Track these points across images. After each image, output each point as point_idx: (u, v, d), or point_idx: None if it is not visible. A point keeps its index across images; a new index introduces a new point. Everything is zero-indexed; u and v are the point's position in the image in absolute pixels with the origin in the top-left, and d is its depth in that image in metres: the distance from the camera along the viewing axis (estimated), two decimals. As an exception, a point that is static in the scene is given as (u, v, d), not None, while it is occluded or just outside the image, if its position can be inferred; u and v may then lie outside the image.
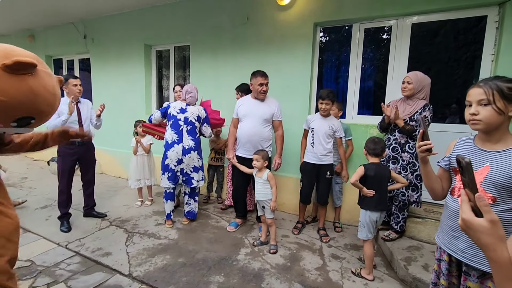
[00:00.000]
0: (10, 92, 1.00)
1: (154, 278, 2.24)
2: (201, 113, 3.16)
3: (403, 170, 2.63)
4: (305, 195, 3.09)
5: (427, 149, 1.21)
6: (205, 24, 4.11)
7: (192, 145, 3.07)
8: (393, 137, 2.67)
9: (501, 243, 0.63)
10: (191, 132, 3.09)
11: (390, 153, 2.67)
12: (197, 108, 3.17)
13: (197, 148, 3.13)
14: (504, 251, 0.62)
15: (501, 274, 0.63)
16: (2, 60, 0.98)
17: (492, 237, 0.63)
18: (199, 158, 3.17)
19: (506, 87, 1.06)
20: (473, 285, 1.17)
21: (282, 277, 2.32)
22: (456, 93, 3.19)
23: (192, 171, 3.12)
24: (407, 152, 2.61)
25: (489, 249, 0.64)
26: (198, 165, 3.16)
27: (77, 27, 5.34)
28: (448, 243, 1.25)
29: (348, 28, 3.43)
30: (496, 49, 2.71)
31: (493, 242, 0.63)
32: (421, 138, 1.22)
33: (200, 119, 3.15)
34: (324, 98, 2.82)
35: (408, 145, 2.62)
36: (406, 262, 2.38)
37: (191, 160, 3.08)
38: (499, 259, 0.62)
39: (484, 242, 0.64)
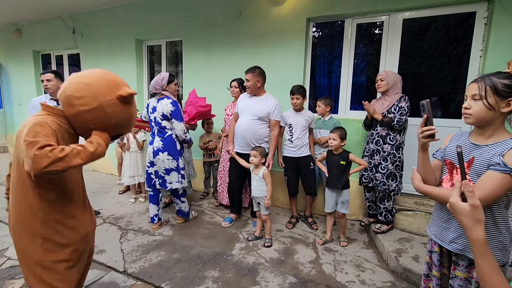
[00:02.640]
0: (120, 118, 1.27)
1: (149, 274, 2.25)
2: (165, 109, 2.81)
3: (383, 160, 2.71)
4: (292, 188, 3.19)
5: (430, 135, 1.17)
6: (198, 19, 4.07)
7: (161, 146, 2.86)
8: (376, 131, 2.76)
9: (478, 224, 0.72)
10: (159, 133, 2.89)
11: (374, 147, 2.75)
12: (162, 104, 2.83)
13: (167, 149, 2.86)
14: (479, 232, 0.72)
15: (476, 250, 0.73)
16: (116, 91, 1.23)
17: (470, 219, 0.73)
18: (173, 159, 2.88)
19: (500, 83, 1.07)
20: (461, 275, 1.21)
21: (276, 270, 2.36)
22: (446, 87, 3.25)
23: (164, 173, 2.91)
24: (388, 144, 2.69)
25: (468, 228, 0.74)
26: (171, 167, 2.89)
27: (65, 21, 5.22)
28: (439, 234, 1.29)
29: (340, 23, 3.44)
30: (485, 45, 2.76)
31: (471, 223, 0.73)
32: (424, 124, 1.16)
33: (166, 117, 2.83)
34: (294, 93, 2.98)
35: (389, 136, 2.70)
36: (397, 254, 2.44)
37: (161, 162, 2.87)
38: (474, 238, 0.73)
39: (464, 222, 0.75)
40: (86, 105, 1.19)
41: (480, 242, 0.72)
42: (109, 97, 1.21)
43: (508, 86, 1.06)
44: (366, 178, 2.84)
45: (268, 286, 2.16)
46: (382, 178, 2.70)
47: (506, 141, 1.10)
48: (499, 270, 0.72)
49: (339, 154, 2.68)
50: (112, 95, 1.22)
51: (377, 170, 2.73)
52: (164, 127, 2.87)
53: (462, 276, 1.21)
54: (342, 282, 2.22)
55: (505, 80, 1.07)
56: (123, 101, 1.24)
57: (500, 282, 0.71)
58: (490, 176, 1.06)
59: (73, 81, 1.21)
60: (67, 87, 1.20)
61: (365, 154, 2.87)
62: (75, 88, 1.20)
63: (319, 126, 3.18)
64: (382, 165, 2.70)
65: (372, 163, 2.76)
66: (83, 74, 1.25)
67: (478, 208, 0.73)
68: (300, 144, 3.03)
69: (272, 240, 2.82)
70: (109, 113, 1.22)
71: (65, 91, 1.20)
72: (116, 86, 1.23)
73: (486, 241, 0.72)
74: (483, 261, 0.72)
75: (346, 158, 2.65)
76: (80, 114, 1.20)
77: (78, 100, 1.19)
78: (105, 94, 1.21)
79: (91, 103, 1.19)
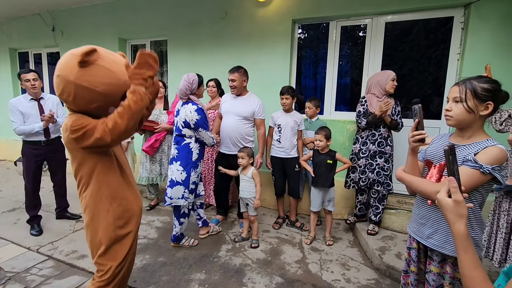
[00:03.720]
0: (101, 81, 1.20)
1: (133, 279, 2.19)
2: (188, 116, 2.45)
3: (386, 162, 2.73)
4: (278, 188, 3.20)
5: (420, 139, 1.20)
6: (183, 19, 4.02)
7: (175, 154, 2.55)
8: (378, 132, 2.74)
9: (460, 219, 0.75)
10: (176, 139, 2.58)
11: (376, 148, 2.73)
12: (186, 110, 2.48)
13: (180, 158, 2.52)
14: (461, 226, 0.75)
15: (458, 244, 0.76)
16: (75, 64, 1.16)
17: (453, 214, 0.76)
18: (183, 170, 2.51)
19: (480, 87, 1.11)
20: (435, 269, 1.26)
21: (263, 271, 2.36)
22: (426, 89, 3.36)
23: (168, 185, 2.57)
24: (389, 146, 2.74)
25: (451, 223, 0.77)
26: (179, 179, 2.50)
27: (44, 18, 5.03)
28: (416, 231, 1.34)
29: (325, 25, 3.49)
30: (462, 49, 2.87)
31: (453, 217, 0.76)
32: (415, 128, 1.21)
33: (188, 125, 2.48)
34: (284, 93, 2.99)
35: (389, 138, 2.75)
36: (381, 252, 2.50)
37: (171, 172, 2.55)
38: (456, 232, 0.76)
39: (448, 217, 0.78)
40: (69, 93, 1.20)
41: (462, 236, 0.75)
42: (74, 72, 1.17)
43: (486, 90, 1.11)
44: (364, 180, 2.79)
45: (255, 287, 2.16)
46: (386, 179, 2.73)
47: (483, 142, 1.15)
48: (480, 264, 0.75)
49: (326, 153, 2.72)
50: (75, 68, 1.17)
51: (381, 172, 2.72)
52: (184, 135, 2.53)
53: (435, 271, 1.26)
54: (328, 281, 2.25)
55: (485, 84, 1.12)
56: (84, 64, 1.17)
57: (479, 276, 0.73)
58: (461, 170, 1.11)
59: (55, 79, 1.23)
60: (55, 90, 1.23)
61: (362, 155, 2.79)
62: (56, 87, 1.22)
63: (306, 127, 3.21)
64: (385, 166, 2.72)
65: (375, 165, 2.74)
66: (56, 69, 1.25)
67: (460, 203, 0.75)
68: (288, 145, 3.04)
69: (259, 241, 2.82)
70: (88, 85, 1.18)
71: (57, 94, 1.24)
72: (74, 58, 1.16)
73: (467, 236, 0.75)
74: (464, 255, 0.75)
75: (333, 157, 2.70)
76: (74, 104, 1.23)
77: (63, 95, 1.21)
78: (71, 71, 1.17)
79: (69, 89, 1.18)
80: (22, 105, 2.78)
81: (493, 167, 1.07)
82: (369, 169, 2.77)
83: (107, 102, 1.27)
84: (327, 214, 2.86)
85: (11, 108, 2.75)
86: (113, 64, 1.24)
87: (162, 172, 3.50)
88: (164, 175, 3.50)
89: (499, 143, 1.14)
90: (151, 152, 3.38)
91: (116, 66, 1.25)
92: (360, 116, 2.75)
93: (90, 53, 1.17)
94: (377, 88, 2.72)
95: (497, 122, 1.98)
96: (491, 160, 1.08)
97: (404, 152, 1.48)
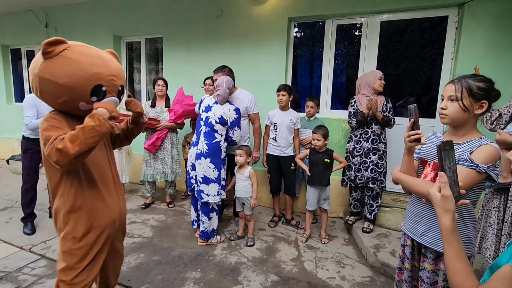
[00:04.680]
0: (64, 71, 1.14)
1: (128, 278, 2.18)
2: (227, 114, 2.55)
3: (379, 159, 2.75)
4: (274, 186, 3.21)
5: (416, 139, 1.20)
6: (178, 16, 3.99)
7: (205, 150, 2.56)
8: (371, 129, 2.77)
9: (446, 213, 0.78)
10: (207, 135, 2.59)
11: (370, 145, 2.76)
12: (223, 107, 2.58)
13: (211, 155, 2.56)
14: (447, 221, 0.77)
15: (444, 238, 0.79)
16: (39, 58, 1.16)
17: (440, 208, 0.79)
18: (215, 168, 2.57)
19: (475, 86, 1.11)
20: (429, 267, 1.27)
21: (258, 269, 2.36)
22: (420, 88, 3.38)
23: (201, 181, 2.59)
24: (382, 142, 2.77)
25: (438, 217, 0.80)
26: (212, 177, 2.57)
27: (37, 14, 4.96)
28: (411, 228, 1.35)
29: (321, 24, 3.49)
30: (456, 48, 2.90)
31: (440, 211, 0.79)
32: (411, 128, 1.20)
33: (224, 122, 2.56)
34: (280, 90, 3.00)
35: (382, 135, 2.77)
36: (375, 249, 2.51)
37: (201, 168, 2.58)
38: (442, 225, 0.78)
39: (436, 211, 0.80)
40: (36, 87, 1.21)
41: (447, 230, 0.77)
42: (39, 64, 1.16)
43: (482, 89, 1.11)
44: (361, 178, 2.80)
45: (250, 285, 2.16)
46: (380, 176, 2.75)
47: (476, 140, 1.16)
48: (464, 258, 0.76)
49: (324, 152, 2.73)
50: (40, 60, 1.15)
51: (375, 169, 2.74)
52: (216, 130, 2.57)
53: (429, 268, 1.27)
54: (323, 279, 2.26)
55: (480, 83, 1.12)
56: (48, 55, 1.13)
57: (462, 269, 0.74)
58: (457, 170, 1.12)
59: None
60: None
61: (356, 153, 2.82)
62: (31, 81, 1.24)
63: (304, 126, 3.20)
64: (379, 163, 2.75)
65: (368, 162, 2.76)
66: None
67: (448, 198, 0.78)
68: (284, 144, 3.04)
69: (255, 239, 2.82)
70: (50, 77, 1.14)
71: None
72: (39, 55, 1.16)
73: (453, 230, 0.77)
74: (449, 248, 0.77)
75: (330, 156, 2.71)
76: (43, 99, 1.23)
77: (33, 90, 1.24)
78: (36, 64, 1.17)
79: (36, 83, 1.19)
80: (39, 102, 2.71)
81: (488, 166, 1.08)
82: (364, 167, 2.79)
83: (74, 97, 1.20)
84: (323, 212, 2.87)
85: (28, 103, 2.68)
86: (81, 56, 1.18)
87: (165, 170, 3.48)
88: (167, 173, 3.48)
89: (492, 142, 1.15)
90: (153, 150, 3.37)
91: (85, 58, 1.19)
92: (351, 117, 2.84)
93: (54, 43, 1.12)
94: (366, 88, 2.79)
95: (489, 121, 2.00)
96: (486, 159, 1.09)
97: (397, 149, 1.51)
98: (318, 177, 2.73)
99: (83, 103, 1.22)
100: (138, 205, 3.63)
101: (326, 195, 2.80)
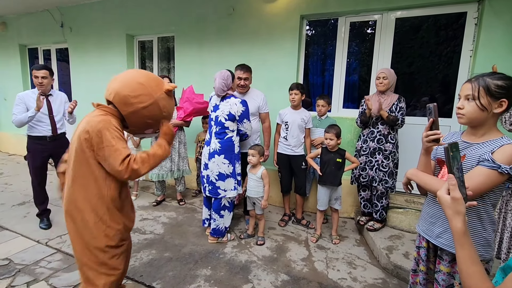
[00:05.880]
0: (169, 109, 1.49)
1: (140, 273, 2.21)
2: (234, 108, 2.53)
3: (385, 159, 2.71)
4: (285, 185, 3.19)
5: (435, 139, 1.16)
6: (190, 15, 4.01)
7: (218, 148, 2.58)
8: (377, 129, 2.74)
9: (457, 216, 0.76)
10: (219, 134, 2.60)
11: (376, 145, 2.74)
12: (229, 103, 2.55)
13: (224, 151, 2.58)
14: (458, 223, 0.76)
15: (455, 241, 0.77)
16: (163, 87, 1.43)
17: (451, 210, 0.77)
18: (229, 163, 2.60)
19: (493, 84, 1.07)
20: (445, 269, 1.24)
21: (268, 268, 2.35)
22: (436, 87, 3.29)
23: (217, 179, 2.61)
24: (390, 143, 2.71)
25: (449, 219, 0.78)
26: (227, 172, 2.59)
27: (53, 14, 5.07)
28: (426, 230, 1.31)
29: (334, 21, 3.44)
30: (475, 45, 2.80)
31: (451, 214, 0.77)
32: (430, 128, 1.17)
33: (233, 117, 2.55)
34: (293, 89, 2.98)
35: (390, 135, 2.71)
36: (388, 251, 2.47)
37: (216, 166, 2.59)
38: (453, 228, 0.77)
39: (447, 213, 0.79)
40: (143, 102, 1.36)
41: (458, 233, 0.76)
42: (159, 93, 1.40)
43: (501, 87, 1.07)
44: (365, 177, 2.81)
45: (261, 284, 2.16)
46: (384, 176, 2.71)
47: (497, 140, 1.12)
48: (477, 261, 0.74)
49: (336, 151, 2.70)
50: (161, 90, 1.41)
51: (379, 168, 2.72)
52: (227, 127, 2.58)
53: (445, 270, 1.23)
54: (334, 279, 2.24)
55: (498, 81, 1.08)
56: (169, 94, 1.46)
57: (476, 272, 0.72)
58: (478, 171, 1.09)
59: (125, 82, 1.36)
60: (120, 88, 1.35)
61: (363, 152, 2.82)
62: (131, 89, 1.34)
63: (315, 125, 3.17)
64: (384, 163, 2.71)
65: (374, 162, 2.75)
66: (131, 74, 1.40)
67: (458, 200, 0.76)
68: (295, 143, 3.02)
69: (265, 238, 2.82)
70: (161, 107, 1.42)
71: (120, 92, 1.34)
72: (161, 82, 1.44)
73: (464, 232, 0.75)
74: (461, 251, 0.76)
75: (342, 156, 2.67)
76: (138, 111, 1.37)
77: (136, 99, 1.35)
78: (157, 90, 1.40)
79: (147, 100, 1.37)
80: (29, 99, 2.79)
81: (511, 166, 1.04)
82: (369, 166, 2.78)
83: (157, 124, 1.48)
84: (334, 212, 2.84)
85: (16, 100, 2.76)
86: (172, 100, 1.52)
87: (173, 168, 3.51)
88: (174, 171, 3.51)
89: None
90: None
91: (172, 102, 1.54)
92: (358, 116, 2.85)
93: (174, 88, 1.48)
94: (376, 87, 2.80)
95: (507, 121, 1.93)
96: (509, 159, 1.05)
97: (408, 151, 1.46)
98: (330, 177, 2.70)
99: (151, 130, 1.51)
100: (150, 202, 3.68)
101: (337, 195, 2.76)
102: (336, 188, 2.74)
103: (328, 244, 2.80)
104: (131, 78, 1.37)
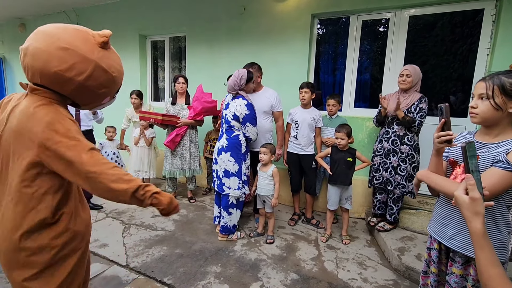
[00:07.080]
0: (116, 66, 1.10)
1: (152, 269, 2.26)
2: (238, 110, 2.56)
3: (402, 162, 2.63)
4: (295, 184, 3.19)
5: (447, 140, 1.13)
6: (201, 15, 4.05)
7: (225, 145, 2.65)
8: (392, 130, 2.66)
9: (476, 217, 0.74)
10: (227, 131, 2.69)
11: (390, 146, 2.67)
12: (236, 104, 2.59)
13: (230, 149, 2.63)
14: (478, 224, 0.74)
15: (475, 242, 0.75)
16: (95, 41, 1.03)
17: (469, 211, 0.75)
18: (235, 162, 2.63)
19: (509, 83, 1.04)
20: (457, 271, 1.22)
21: (278, 267, 2.36)
22: (451, 86, 3.22)
23: (223, 175, 2.67)
24: (406, 144, 2.61)
25: (468, 220, 0.76)
26: (233, 170, 2.63)
27: (69, 16, 5.21)
28: (438, 231, 1.29)
29: (345, 20, 3.41)
30: (492, 43, 2.72)
31: (470, 215, 0.75)
32: (441, 128, 1.14)
33: (237, 118, 2.58)
34: (303, 87, 2.96)
35: (407, 137, 2.61)
36: (400, 252, 2.43)
37: (222, 162, 2.66)
38: (473, 230, 0.75)
39: (465, 214, 0.77)
40: (83, 72, 0.99)
41: (478, 234, 0.74)
42: (95, 50, 1.01)
43: None
44: (378, 178, 2.75)
45: (270, 282, 2.17)
46: (401, 180, 2.63)
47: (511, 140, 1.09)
48: (498, 263, 0.72)
49: (346, 150, 2.67)
50: (96, 47, 1.02)
51: (396, 172, 2.64)
52: (233, 126, 2.64)
53: (458, 273, 1.21)
54: (344, 280, 2.22)
55: None
56: (106, 46, 1.07)
57: (497, 274, 0.71)
58: (492, 172, 1.06)
59: (44, 53, 0.94)
60: (42, 64, 0.94)
61: (377, 153, 2.76)
62: (57, 60, 0.95)
63: (326, 124, 3.15)
64: (401, 167, 2.62)
65: (389, 164, 2.68)
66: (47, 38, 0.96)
67: (477, 201, 0.74)
68: (305, 142, 3.01)
69: (274, 236, 2.82)
70: (107, 68, 1.05)
71: (45, 69, 0.95)
72: (89, 35, 1.03)
73: (484, 234, 0.74)
74: (481, 253, 0.74)
75: (353, 155, 2.65)
76: (81, 85, 1.00)
77: (71, 72, 0.96)
78: (90, 49, 1.00)
79: (86, 67, 0.99)
80: None
81: None
82: (383, 168, 2.73)
83: (112, 91, 1.13)
84: (344, 212, 2.82)
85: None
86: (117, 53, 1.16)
87: (184, 167, 3.55)
88: (185, 170, 3.55)
89: None
90: (172, 146, 3.45)
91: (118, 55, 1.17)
92: (376, 115, 2.78)
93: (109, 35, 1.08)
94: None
95: None
96: None
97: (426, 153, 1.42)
98: (340, 176, 2.68)
99: (108, 98, 1.15)
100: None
101: (348, 194, 2.74)
102: (347, 188, 2.72)
103: (338, 244, 2.78)
104: (49, 45, 0.94)
